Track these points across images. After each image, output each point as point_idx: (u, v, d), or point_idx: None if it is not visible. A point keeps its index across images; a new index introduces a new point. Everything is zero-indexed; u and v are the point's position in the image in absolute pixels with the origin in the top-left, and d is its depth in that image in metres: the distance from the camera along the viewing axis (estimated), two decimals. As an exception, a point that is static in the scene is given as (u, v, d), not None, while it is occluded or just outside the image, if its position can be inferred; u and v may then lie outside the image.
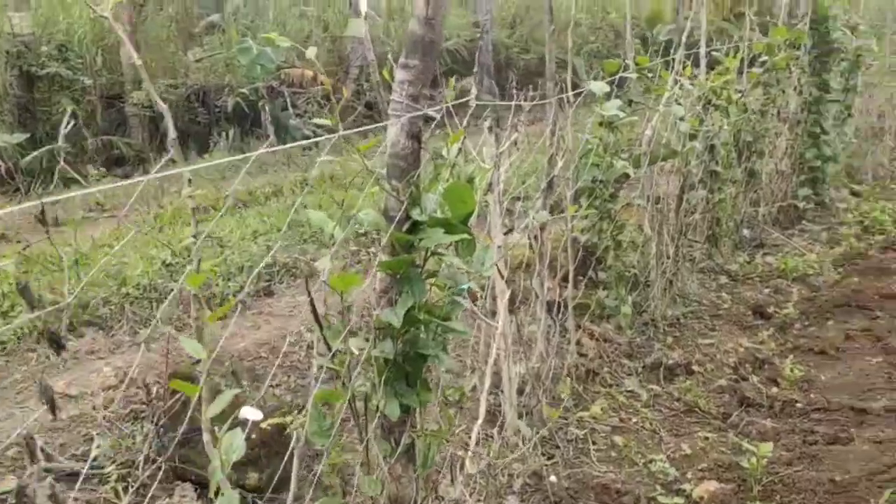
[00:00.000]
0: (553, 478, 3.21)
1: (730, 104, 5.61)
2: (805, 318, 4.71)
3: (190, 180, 1.78)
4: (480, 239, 2.30)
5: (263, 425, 2.71)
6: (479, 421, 2.80)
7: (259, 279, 5.45)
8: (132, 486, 2.63)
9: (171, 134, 1.76)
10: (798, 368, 4.07)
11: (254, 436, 2.42)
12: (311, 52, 2.10)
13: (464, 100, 2.85)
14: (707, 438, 3.52)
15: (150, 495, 2.26)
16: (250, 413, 1.74)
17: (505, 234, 3.25)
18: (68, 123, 7.05)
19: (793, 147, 7.16)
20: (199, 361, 1.69)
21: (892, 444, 3.17)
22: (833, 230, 6.88)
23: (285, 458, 2.11)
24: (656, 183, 5.11)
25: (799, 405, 3.67)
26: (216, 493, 1.68)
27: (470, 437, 2.85)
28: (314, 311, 2.01)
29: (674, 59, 4.76)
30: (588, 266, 4.31)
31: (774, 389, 3.82)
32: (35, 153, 8.60)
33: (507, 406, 3.39)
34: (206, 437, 1.75)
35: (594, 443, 3.52)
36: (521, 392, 3.61)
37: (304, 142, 8.12)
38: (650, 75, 4.44)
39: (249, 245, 6.02)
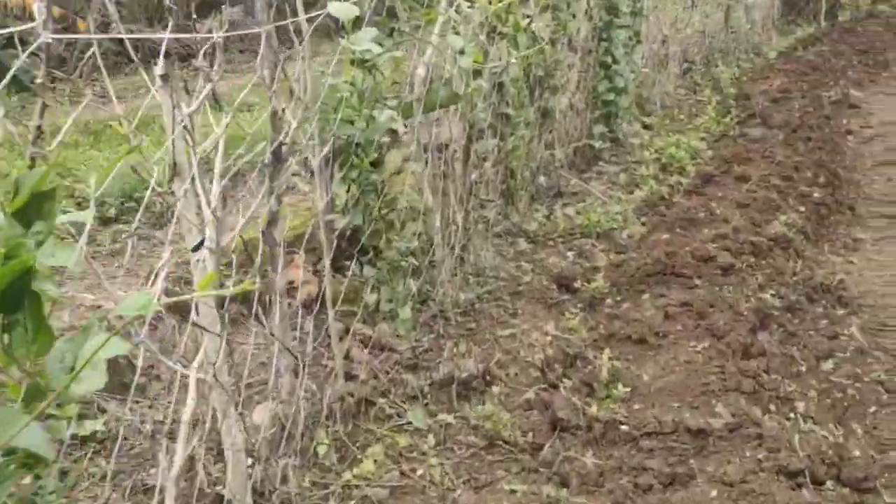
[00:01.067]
0: None
1: (518, 32, 4.66)
2: (617, 291, 3.97)
3: None
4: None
5: None
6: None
7: None
8: None
9: None
10: (616, 365, 3.30)
11: None
12: None
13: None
14: (515, 492, 2.62)
15: None
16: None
17: (194, 249, 2.05)
18: None
19: (585, 80, 6.45)
20: None
21: (743, 486, 2.42)
22: (631, 171, 6.31)
23: None
24: (436, 136, 4.08)
25: (624, 427, 2.86)
26: None
27: None
28: None
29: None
30: (351, 255, 3.23)
31: (593, 407, 2.99)
32: None
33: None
34: None
35: (365, 523, 2.51)
36: (253, 457, 2.49)
37: None
38: (416, -6, 3.33)
39: None
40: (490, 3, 4.45)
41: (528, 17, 5.04)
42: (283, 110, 2.53)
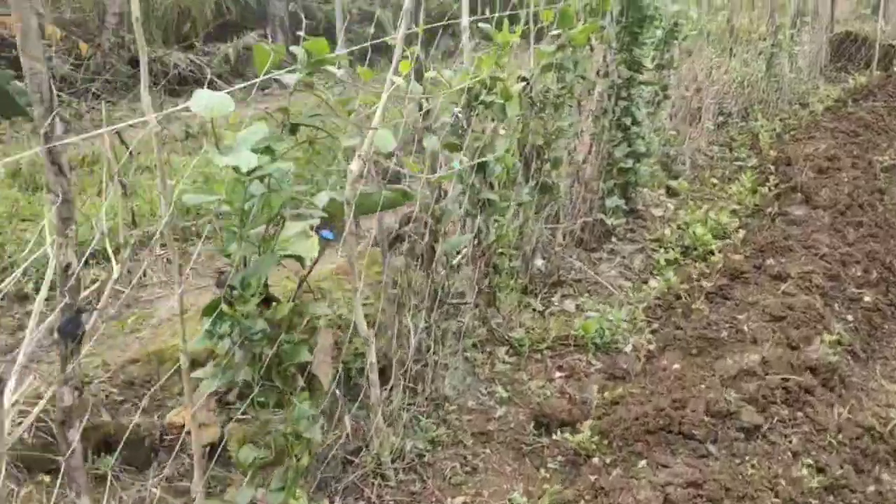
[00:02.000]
0: None
1: (508, 100, 3.84)
2: (607, 447, 3.08)
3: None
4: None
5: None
6: None
7: None
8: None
9: None
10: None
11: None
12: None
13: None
14: None
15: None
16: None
17: None
18: None
19: (599, 144, 5.59)
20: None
21: None
22: (648, 252, 5.42)
23: None
24: (386, 226, 3.26)
25: None
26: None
27: None
28: None
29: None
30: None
31: None
32: None
33: None
34: None
35: None
36: None
37: None
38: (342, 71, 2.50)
39: None
40: (473, 69, 3.65)
41: (524, 80, 4.22)
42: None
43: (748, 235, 5.51)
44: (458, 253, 3.74)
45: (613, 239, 5.60)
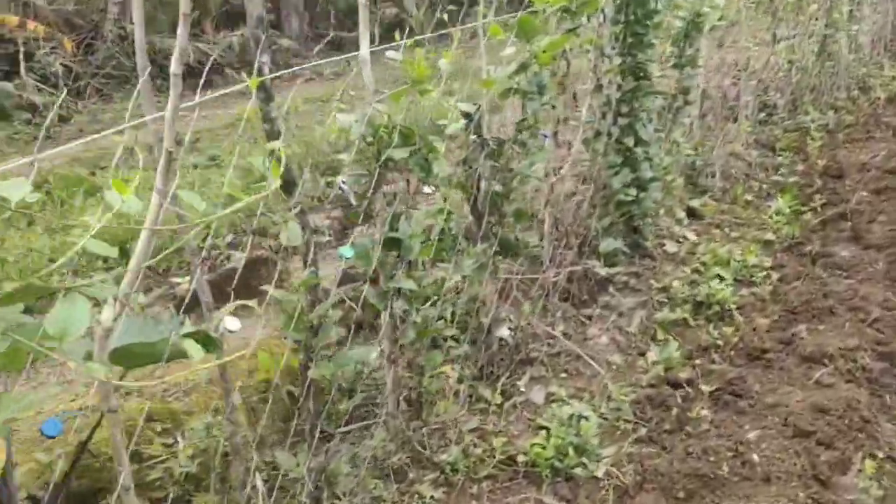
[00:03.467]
0: None
1: (432, 152, 2.87)
2: None
3: None
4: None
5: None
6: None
7: None
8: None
9: None
10: None
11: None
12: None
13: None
14: None
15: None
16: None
17: None
18: None
19: (592, 173, 4.54)
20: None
21: None
22: (651, 308, 4.38)
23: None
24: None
25: None
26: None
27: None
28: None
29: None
30: None
31: None
32: None
33: None
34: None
35: None
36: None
37: None
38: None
39: None
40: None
41: (466, 117, 3.23)
42: None
43: (779, 286, 4.40)
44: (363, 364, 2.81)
45: (611, 289, 4.57)
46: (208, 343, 1.93)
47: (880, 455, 3.04)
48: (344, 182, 2.69)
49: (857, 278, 4.29)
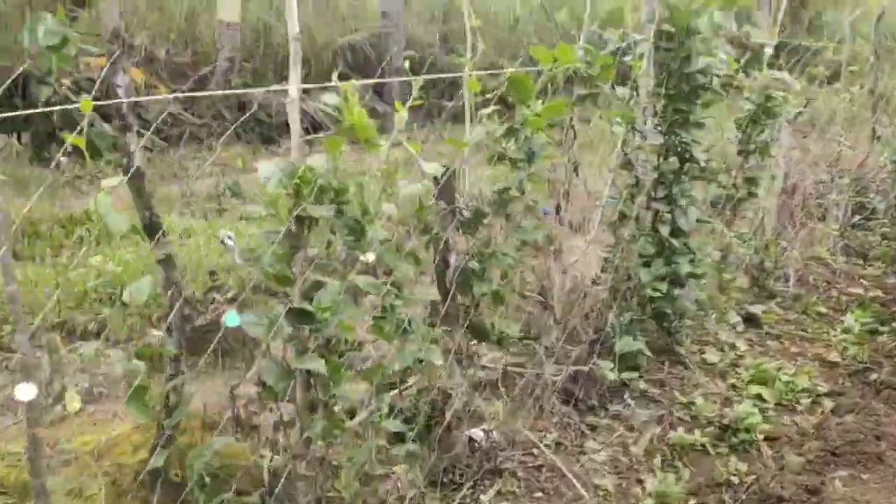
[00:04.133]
0: None
1: (365, 216, 2.46)
2: None
3: None
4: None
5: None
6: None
7: None
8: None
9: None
10: None
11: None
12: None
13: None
14: None
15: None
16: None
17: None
18: None
19: (613, 261, 3.98)
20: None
21: None
22: (667, 425, 3.71)
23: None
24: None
25: None
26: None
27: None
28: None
29: None
30: None
31: None
32: None
33: None
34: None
35: None
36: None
37: None
38: None
39: None
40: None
41: (434, 180, 2.82)
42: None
43: (828, 418, 3.65)
44: None
45: (626, 395, 3.94)
46: None
47: None
48: (229, 237, 2.31)
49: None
